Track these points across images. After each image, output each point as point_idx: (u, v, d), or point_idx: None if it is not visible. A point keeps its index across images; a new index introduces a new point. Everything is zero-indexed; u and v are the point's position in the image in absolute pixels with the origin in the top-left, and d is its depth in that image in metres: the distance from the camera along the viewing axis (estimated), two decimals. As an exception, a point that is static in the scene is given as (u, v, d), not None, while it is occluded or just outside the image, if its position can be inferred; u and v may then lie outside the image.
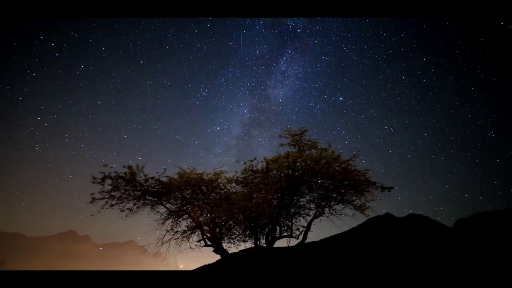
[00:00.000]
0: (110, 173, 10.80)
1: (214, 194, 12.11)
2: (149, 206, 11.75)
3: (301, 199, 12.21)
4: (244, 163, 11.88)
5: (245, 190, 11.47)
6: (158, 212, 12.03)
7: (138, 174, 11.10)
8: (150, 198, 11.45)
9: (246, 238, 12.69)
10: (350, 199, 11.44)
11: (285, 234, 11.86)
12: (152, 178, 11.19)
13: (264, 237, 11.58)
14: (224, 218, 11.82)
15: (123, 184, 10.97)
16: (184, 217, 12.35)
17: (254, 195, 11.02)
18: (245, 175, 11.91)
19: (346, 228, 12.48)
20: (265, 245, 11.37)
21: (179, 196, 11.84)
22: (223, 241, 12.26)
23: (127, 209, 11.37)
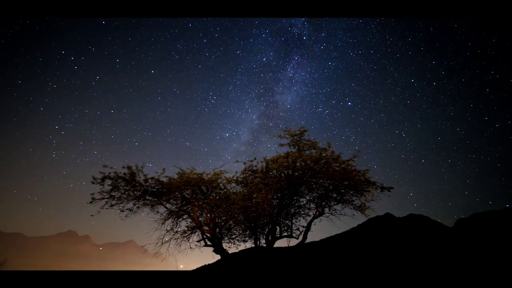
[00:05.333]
0: (109, 173, 10.80)
1: (214, 194, 12.10)
2: (149, 206, 11.74)
3: (301, 199, 12.20)
4: (244, 163, 11.87)
5: (245, 190, 11.46)
6: (158, 212, 12.03)
7: (138, 174, 11.09)
8: (150, 198, 11.45)
9: (246, 238, 12.69)
10: (350, 199, 11.42)
11: (285, 234, 11.85)
12: (152, 178, 11.18)
13: (264, 237, 11.57)
14: (224, 218, 11.81)
15: (122, 184, 10.96)
16: (184, 217, 12.35)
17: (254, 195, 11.00)
18: (245, 175, 11.89)
19: (346, 228, 12.47)
20: (265, 245, 11.37)
21: (179, 196, 11.83)
22: (223, 241, 12.25)
23: (127, 209, 11.37)
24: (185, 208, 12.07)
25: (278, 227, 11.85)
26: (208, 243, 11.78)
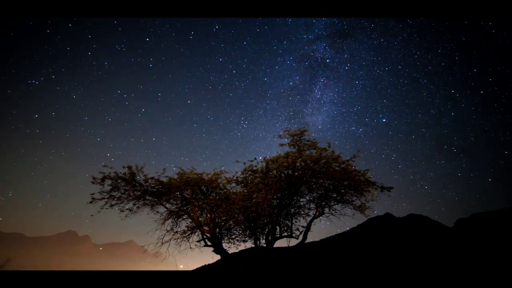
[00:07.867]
0: (109, 173, 10.80)
1: (214, 194, 12.10)
2: (149, 206, 11.74)
3: (301, 199, 12.20)
4: (244, 163, 11.87)
5: (245, 190, 11.46)
6: (158, 212, 12.03)
7: (138, 174, 11.10)
8: (150, 198, 11.45)
9: (246, 238, 12.69)
10: (350, 199, 11.43)
11: (285, 234, 11.85)
12: (152, 178, 11.19)
13: (264, 237, 11.58)
14: (224, 218, 11.81)
15: (122, 184, 10.97)
16: (184, 217, 12.35)
17: (254, 195, 11.00)
18: (245, 175, 11.89)
19: (346, 228, 12.47)
20: (265, 245, 11.38)
21: (179, 196, 11.83)
22: (223, 241, 12.25)
23: (127, 209, 11.37)
24: (185, 208, 12.06)
25: (278, 227, 11.85)
26: (208, 243, 11.78)
